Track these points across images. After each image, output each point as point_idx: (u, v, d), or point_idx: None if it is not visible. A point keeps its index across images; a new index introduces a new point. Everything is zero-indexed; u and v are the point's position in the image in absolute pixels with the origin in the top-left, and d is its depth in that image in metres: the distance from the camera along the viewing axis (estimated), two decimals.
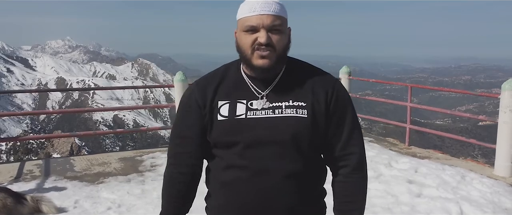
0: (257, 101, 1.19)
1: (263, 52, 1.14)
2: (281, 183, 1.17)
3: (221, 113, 1.20)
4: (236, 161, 1.18)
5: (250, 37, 1.15)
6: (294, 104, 1.18)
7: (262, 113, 1.17)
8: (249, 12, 1.15)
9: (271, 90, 1.20)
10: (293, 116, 1.16)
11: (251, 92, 1.20)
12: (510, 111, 4.41)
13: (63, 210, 3.41)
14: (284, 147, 1.16)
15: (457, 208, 3.43)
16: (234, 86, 1.22)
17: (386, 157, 4.86)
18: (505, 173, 4.49)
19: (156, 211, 3.37)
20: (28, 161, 5.22)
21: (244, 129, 1.16)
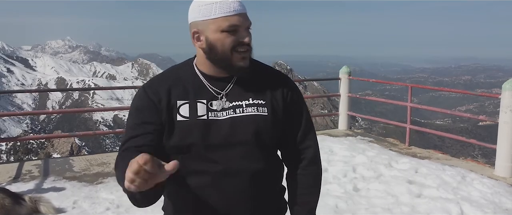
0: (216, 102, 1.16)
1: (244, 54, 1.13)
2: (247, 184, 1.15)
3: (181, 113, 1.14)
4: (199, 165, 1.14)
5: (231, 38, 1.11)
6: (254, 102, 1.17)
7: (223, 114, 1.15)
8: (228, 11, 1.10)
9: (230, 90, 1.17)
10: (255, 115, 1.15)
11: (209, 92, 1.16)
12: (510, 111, 4.40)
13: (61, 210, 3.39)
14: (248, 146, 1.15)
15: (457, 209, 3.42)
16: (192, 86, 1.17)
17: (386, 157, 4.84)
18: (505, 173, 4.47)
19: (155, 212, 3.35)
20: (27, 161, 5.21)
21: (206, 130, 1.12)
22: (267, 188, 1.22)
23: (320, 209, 3.34)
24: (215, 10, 1.10)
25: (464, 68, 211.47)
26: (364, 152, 5.05)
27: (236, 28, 1.11)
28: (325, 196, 3.68)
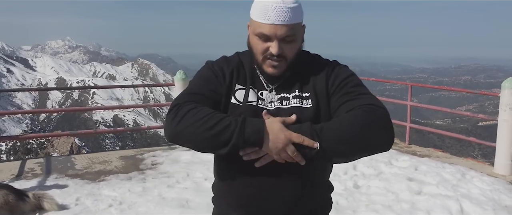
0: (266, 92, 1.20)
1: (274, 62, 1.15)
2: (285, 178, 1.16)
3: (236, 96, 1.19)
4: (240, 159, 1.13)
5: (262, 45, 1.14)
6: (299, 94, 1.19)
7: (271, 104, 1.18)
8: (263, 18, 1.11)
9: (280, 84, 1.20)
10: (298, 106, 1.17)
11: (261, 83, 1.21)
12: (510, 109, 4.43)
13: (64, 207, 3.42)
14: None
15: (457, 206, 3.44)
16: (249, 73, 1.22)
17: (386, 156, 4.86)
18: (505, 171, 4.50)
19: (157, 209, 3.39)
20: (30, 160, 5.23)
21: (255, 116, 1.13)
22: (310, 182, 1.21)
23: None
24: (256, 11, 1.13)
25: (464, 68, 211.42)
26: None
27: (267, 37, 1.12)
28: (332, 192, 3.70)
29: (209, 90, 1.17)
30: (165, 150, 5.44)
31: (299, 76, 1.20)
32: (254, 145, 1.06)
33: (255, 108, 1.16)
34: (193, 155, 5.00)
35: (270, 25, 1.10)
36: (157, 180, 4.18)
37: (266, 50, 1.13)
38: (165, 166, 4.70)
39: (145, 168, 4.69)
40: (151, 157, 5.10)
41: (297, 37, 1.15)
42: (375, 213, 3.31)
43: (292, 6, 1.11)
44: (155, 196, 3.68)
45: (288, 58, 1.15)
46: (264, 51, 1.14)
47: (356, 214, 3.31)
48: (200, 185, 3.97)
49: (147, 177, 4.33)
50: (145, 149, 5.59)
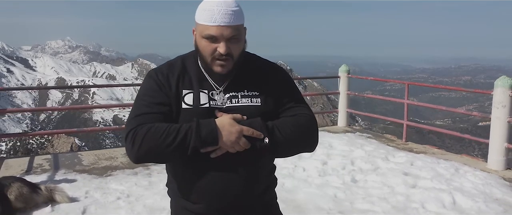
0: (216, 93, 1.29)
1: (222, 62, 1.24)
2: (240, 166, 1.27)
3: (185, 101, 1.27)
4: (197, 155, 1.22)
5: (210, 46, 1.23)
6: (248, 93, 1.30)
7: (222, 104, 1.28)
8: (209, 20, 1.21)
9: (228, 84, 1.30)
10: (248, 105, 1.28)
11: (210, 85, 1.30)
12: (502, 107, 4.59)
13: (75, 199, 3.57)
14: None
15: (450, 198, 3.60)
16: (195, 77, 1.30)
17: (384, 152, 5.03)
18: (498, 166, 4.66)
19: (163, 201, 3.55)
20: (37, 156, 5.38)
21: (208, 117, 1.23)
22: (259, 169, 1.33)
23: (320, 199, 3.51)
24: (203, 16, 1.23)
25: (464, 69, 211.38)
26: (362, 147, 5.24)
27: (214, 38, 1.22)
28: (325, 187, 3.87)
29: (157, 105, 1.24)
30: None
31: (245, 77, 1.31)
32: (211, 144, 1.19)
33: (208, 109, 1.26)
34: None
35: (217, 27, 1.20)
36: (162, 175, 4.33)
37: (214, 51, 1.22)
38: None
39: (150, 164, 4.84)
40: None
41: (241, 37, 1.26)
42: (371, 204, 3.47)
43: (235, 9, 1.23)
44: (161, 190, 3.83)
45: (234, 57, 1.25)
46: (212, 52, 1.22)
47: (353, 205, 3.47)
48: None
49: (152, 172, 4.49)
50: None
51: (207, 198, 1.30)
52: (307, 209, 3.38)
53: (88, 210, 3.38)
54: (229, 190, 1.28)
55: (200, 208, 1.32)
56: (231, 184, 1.29)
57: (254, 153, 1.24)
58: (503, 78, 4.65)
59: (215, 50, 1.22)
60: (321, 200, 3.55)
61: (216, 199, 1.30)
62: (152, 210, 3.38)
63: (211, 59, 1.24)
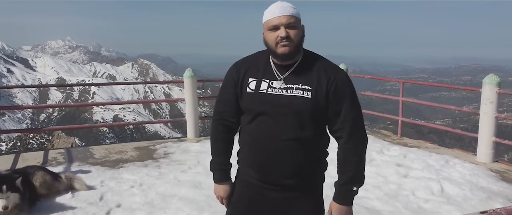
0: (277, 82, 1.60)
1: (284, 43, 1.55)
2: (283, 147, 1.57)
3: (250, 86, 1.63)
4: (253, 126, 1.62)
5: (273, 34, 1.56)
6: (302, 87, 1.57)
7: (278, 91, 1.58)
8: (271, 15, 1.57)
9: (288, 75, 1.59)
10: (299, 96, 1.55)
11: (273, 74, 1.62)
12: (490, 103, 4.88)
13: (92, 187, 3.86)
14: (288, 118, 1.56)
15: (438, 186, 3.90)
16: (263, 68, 1.65)
17: (379, 146, 5.32)
18: (486, 159, 4.96)
19: (174, 189, 3.84)
20: (51, 150, 5.68)
21: (262, 101, 1.58)
22: (305, 151, 1.61)
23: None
24: (265, 16, 1.60)
25: (464, 69, 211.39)
26: None
27: (276, 27, 1.55)
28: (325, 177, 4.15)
29: (227, 94, 1.70)
30: (175, 142, 5.89)
31: (304, 71, 1.60)
32: None
33: (265, 94, 1.59)
34: (202, 146, 5.46)
35: (276, 17, 1.55)
36: (171, 166, 4.63)
37: (277, 37, 1.54)
38: (177, 155, 5.15)
39: (158, 157, 5.14)
40: (163, 148, 5.54)
41: (297, 25, 1.57)
42: (366, 192, 3.77)
43: (291, 6, 1.58)
44: (171, 179, 4.13)
45: (294, 40, 1.55)
46: (275, 38, 1.55)
47: None
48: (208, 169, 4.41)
49: (162, 164, 4.78)
50: (157, 141, 6.04)
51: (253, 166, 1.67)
52: None
53: (105, 196, 3.67)
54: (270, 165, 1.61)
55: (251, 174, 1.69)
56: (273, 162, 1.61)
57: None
58: (491, 76, 4.94)
59: (277, 36, 1.54)
60: None
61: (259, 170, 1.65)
62: (164, 196, 3.67)
63: (275, 44, 1.55)
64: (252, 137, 1.63)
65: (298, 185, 1.64)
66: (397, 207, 3.49)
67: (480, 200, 3.63)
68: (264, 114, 1.59)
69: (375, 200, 3.63)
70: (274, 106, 1.57)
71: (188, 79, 6.04)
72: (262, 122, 1.60)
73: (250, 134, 1.63)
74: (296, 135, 1.57)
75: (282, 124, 1.57)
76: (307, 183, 1.68)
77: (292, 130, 1.57)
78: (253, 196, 1.69)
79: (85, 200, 3.55)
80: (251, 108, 1.62)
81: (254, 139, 1.63)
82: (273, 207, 1.67)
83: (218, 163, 1.75)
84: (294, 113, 1.55)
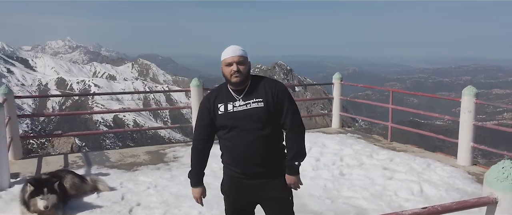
0: (237, 101, 2.23)
1: (235, 74, 2.19)
2: (253, 144, 2.20)
3: (220, 110, 2.25)
4: (231, 133, 2.24)
5: (228, 68, 2.20)
6: (256, 100, 2.21)
7: (240, 108, 2.21)
8: (226, 55, 2.22)
9: (243, 95, 2.24)
10: (255, 107, 2.20)
11: (233, 97, 2.25)
12: (468, 112, 5.41)
13: (113, 188, 4.39)
14: (253, 123, 2.20)
15: (418, 187, 4.42)
16: (225, 95, 2.27)
17: (369, 150, 5.84)
18: (465, 162, 5.48)
19: (186, 189, 4.37)
20: (70, 154, 6.20)
21: (233, 116, 2.21)
22: (269, 147, 2.25)
23: (312, 188, 4.34)
24: (223, 55, 2.24)
25: (464, 69, 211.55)
26: (351, 146, 6.05)
27: (230, 63, 2.19)
28: (317, 179, 4.68)
29: (204, 120, 2.29)
30: (183, 146, 6.42)
31: (254, 90, 2.24)
32: None
33: (232, 112, 2.21)
34: None
35: (230, 57, 2.19)
36: (181, 169, 5.15)
37: (231, 71, 2.18)
38: (185, 159, 5.67)
39: (168, 160, 5.66)
40: (172, 152, 6.07)
41: (245, 62, 2.21)
42: (354, 192, 4.29)
43: (240, 48, 2.22)
44: (182, 181, 4.65)
45: (243, 72, 2.19)
46: (230, 71, 2.18)
47: (340, 193, 4.30)
48: (217, 173, 4.93)
49: (172, 167, 5.30)
50: (166, 145, 6.56)
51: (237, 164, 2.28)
52: (302, 196, 4.18)
53: (126, 196, 4.19)
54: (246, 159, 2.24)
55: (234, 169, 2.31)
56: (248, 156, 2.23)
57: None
58: (469, 88, 5.47)
59: (231, 70, 2.18)
60: (313, 189, 4.36)
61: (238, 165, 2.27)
62: (177, 196, 4.20)
63: (230, 76, 2.19)
64: (231, 143, 2.25)
65: (267, 171, 2.27)
66: (381, 206, 4.02)
67: (454, 200, 4.14)
68: (235, 125, 2.22)
69: (362, 200, 4.15)
70: (241, 118, 2.21)
71: (194, 88, 6.56)
72: (235, 131, 2.22)
73: (229, 141, 2.26)
74: (260, 134, 2.21)
75: (249, 129, 2.20)
76: (273, 169, 2.30)
77: (256, 132, 2.20)
78: (238, 186, 2.32)
79: (109, 200, 4.08)
80: (225, 124, 2.24)
81: (232, 144, 2.25)
82: (253, 191, 2.31)
83: (194, 173, 2.40)
84: (256, 120, 2.20)
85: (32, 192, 3.45)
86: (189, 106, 6.84)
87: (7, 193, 4.25)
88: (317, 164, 5.15)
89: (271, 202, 2.34)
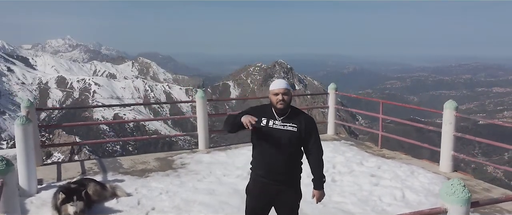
0: (277, 121, 2.87)
1: (280, 103, 2.84)
2: (281, 157, 2.83)
3: (263, 122, 2.87)
4: (264, 144, 2.86)
5: (275, 97, 2.85)
6: (292, 125, 2.85)
7: (278, 126, 2.85)
8: (274, 87, 2.87)
9: (283, 118, 2.88)
10: (290, 130, 2.84)
11: (275, 117, 2.89)
12: (449, 124, 5.95)
13: (130, 194, 4.93)
14: (284, 143, 2.82)
15: (401, 193, 4.97)
16: (269, 113, 2.90)
17: (360, 158, 6.39)
18: (446, 169, 6.03)
19: (194, 195, 4.93)
20: (86, 161, 6.75)
21: (270, 131, 2.84)
22: (292, 164, 2.88)
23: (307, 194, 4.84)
24: (271, 86, 2.91)
25: (464, 67, 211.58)
26: (344, 154, 6.60)
27: (276, 93, 2.84)
28: (310, 185, 5.22)
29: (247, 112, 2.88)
30: (189, 153, 6.97)
31: (292, 117, 2.89)
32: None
33: (271, 128, 2.85)
34: (212, 157, 6.54)
35: (277, 89, 2.86)
36: (189, 176, 5.70)
37: (277, 99, 2.84)
38: (192, 165, 6.23)
39: (177, 167, 6.21)
40: (179, 159, 6.62)
41: (289, 93, 2.87)
42: (343, 198, 4.84)
43: (285, 82, 2.93)
44: (191, 187, 5.20)
45: (286, 101, 2.85)
46: (276, 99, 2.84)
47: (331, 198, 4.84)
48: (221, 179, 5.50)
49: (180, 174, 5.85)
50: (173, 152, 7.10)
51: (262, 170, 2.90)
52: None
53: (141, 202, 4.74)
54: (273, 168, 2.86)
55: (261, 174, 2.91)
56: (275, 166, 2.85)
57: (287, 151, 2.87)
58: (450, 102, 6.01)
59: (277, 99, 2.84)
60: (308, 195, 4.88)
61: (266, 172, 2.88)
62: (187, 201, 4.74)
63: (276, 102, 2.84)
64: (263, 152, 2.88)
65: (287, 180, 2.91)
66: (366, 210, 4.57)
67: (431, 204, 4.68)
68: (271, 139, 2.85)
69: (350, 204, 4.70)
70: (276, 135, 2.85)
71: (200, 99, 7.11)
72: (269, 144, 2.85)
73: (262, 150, 2.89)
74: (287, 151, 2.86)
75: (280, 145, 2.83)
76: (291, 179, 2.95)
77: (285, 148, 2.84)
78: (261, 188, 2.93)
79: (127, 205, 4.62)
80: (263, 135, 2.86)
81: (264, 153, 2.88)
82: (272, 194, 2.92)
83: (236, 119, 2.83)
84: (287, 139, 2.84)
85: (63, 199, 4.00)
86: (193, 116, 7.38)
87: (36, 198, 4.80)
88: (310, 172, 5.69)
89: (285, 205, 2.97)
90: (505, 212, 4.65)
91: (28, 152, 4.81)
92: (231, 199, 4.77)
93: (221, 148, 7.36)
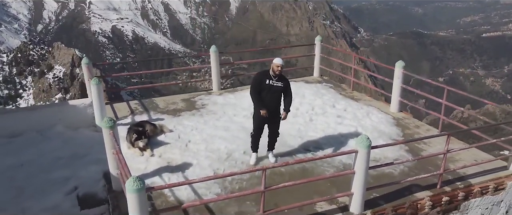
0: (272, 80, 5.78)
1: (277, 72, 5.77)
2: (274, 100, 5.85)
3: (265, 82, 5.78)
4: (266, 94, 5.79)
5: (277, 68, 5.76)
6: (280, 82, 5.80)
7: (273, 83, 5.78)
8: (276, 62, 5.78)
9: (276, 79, 5.78)
10: (279, 86, 5.80)
11: (272, 78, 5.78)
12: (398, 78, 8.07)
13: (171, 130, 7.26)
14: (277, 93, 5.83)
15: (355, 130, 7.34)
16: (269, 76, 5.80)
17: (333, 101, 8.64)
18: (394, 109, 8.34)
19: (216, 131, 7.36)
20: (131, 101, 8.98)
21: (270, 87, 5.78)
22: (277, 100, 5.90)
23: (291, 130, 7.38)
24: (274, 61, 5.83)
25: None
26: (322, 97, 8.83)
27: (278, 66, 5.75)
28: (294, 124, 7.57)
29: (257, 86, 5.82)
30: (206, 94, 9.17)
31: (281, 79, 5.82)
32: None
33: (270, 84, 5.78)
34: (224, 99, 8.79)
35: (276, 63, 5.79)
36: (209, 116, 8.00)
37: (277, 69, 5.75)
38: (209, 106, 8.48)
39: (199, 107, 8.47)
40: (200, 100, 8.84)
41: (283, 67, 5.78)
42: (315, 133, 7.21)
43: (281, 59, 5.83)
44: (212, 125, 7.52)
45: (281, 71, 5.76)
46: (276, 70, 5.75)
47: (307, 133, 7.19)
48: (232, 119, 7.82)
49: (203, 113, 8.13)
50: (194, 93, 9.27)
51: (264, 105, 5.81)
52: (283, 135, 7.05)
53: (180, 136, 7.08)
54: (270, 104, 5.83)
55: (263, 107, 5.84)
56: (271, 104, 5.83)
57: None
58: (400, 62, 8.02)
59: (276, 69, 5.76)
60: (291, 130, 7.25)
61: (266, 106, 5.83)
62: (211, 136, 7.07)
63: (273, 71, 5.77)
64: (266, 99, 5.77)
65: (276, 111, 5.89)
66: (330, 142, 6.96)
67: (373, 139, 7.03)
68: (269, 90, 5.76)
69: (319, 138, 7.08)
70: (273, 89, 5.76)
71: (213, 53, 9.08)
72: (269, 93, 5.78)
73: (264, 98, 5.78)
74: (277, 96, 5.85)
75: (274, 93, 5.79)
76: (278, 110, 5.92)
77: (277, 97, 5.83)
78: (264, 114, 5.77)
79: (172, 138, 6.98)
80: (266, 89, 5.75)
81: (266, 98, 5.78)
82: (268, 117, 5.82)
83: (260, 104, 5.75)
84: (278, 90, 5.78)
85: (136, 138, 6.33)
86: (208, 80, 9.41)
87: None
88: (296, 112, 7.98)
89: (274, 122, 5.94)
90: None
91: (101, 105, 7.14)
92: (240, 134, 7.10)
93: (230, 90, 9.56)
